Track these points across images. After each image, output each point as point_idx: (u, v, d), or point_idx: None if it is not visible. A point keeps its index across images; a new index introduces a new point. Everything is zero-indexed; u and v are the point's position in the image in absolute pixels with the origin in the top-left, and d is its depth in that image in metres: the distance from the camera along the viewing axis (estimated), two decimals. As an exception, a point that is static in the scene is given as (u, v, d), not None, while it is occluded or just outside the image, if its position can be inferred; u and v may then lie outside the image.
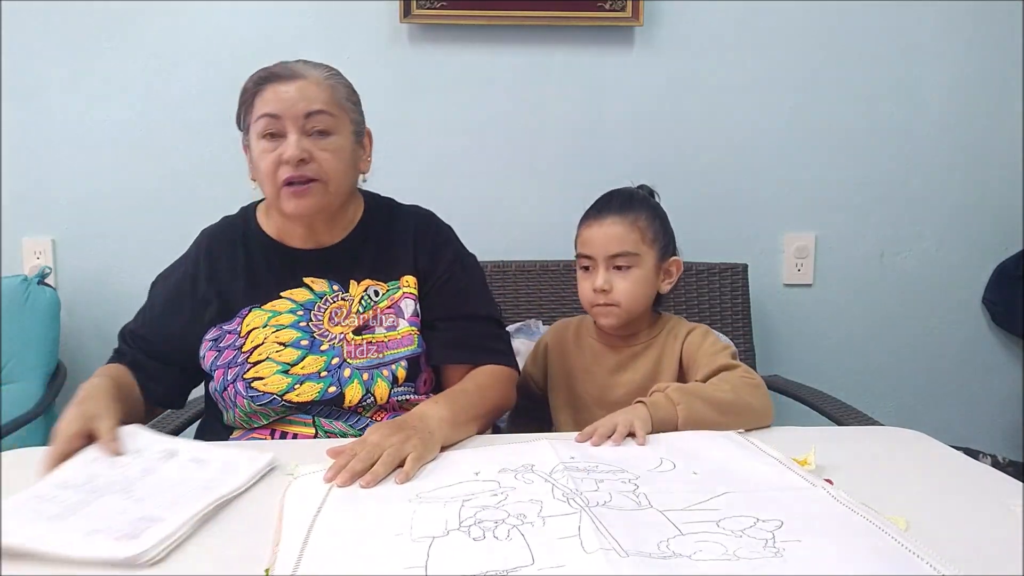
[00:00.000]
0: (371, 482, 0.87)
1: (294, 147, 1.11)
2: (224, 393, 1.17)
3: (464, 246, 1.31)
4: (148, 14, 1.89)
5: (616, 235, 1.24)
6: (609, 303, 1.24)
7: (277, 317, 1.19)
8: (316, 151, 1.13)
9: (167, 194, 1.94)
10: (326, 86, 1.16)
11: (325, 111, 1.14)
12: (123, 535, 0.74)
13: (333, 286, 1.21)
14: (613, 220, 1.25)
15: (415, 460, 0.92)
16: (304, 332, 1.18)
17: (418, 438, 0.95)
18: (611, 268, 1.25)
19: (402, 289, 1.22)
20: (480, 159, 1.98)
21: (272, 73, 1.14)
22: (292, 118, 1.12)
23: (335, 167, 1.15)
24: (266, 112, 1.13)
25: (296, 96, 1.13)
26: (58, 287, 1.92)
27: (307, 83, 1.14)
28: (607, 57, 1.95)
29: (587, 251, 1.26)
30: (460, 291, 1.25)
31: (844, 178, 2.02)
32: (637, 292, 1.25)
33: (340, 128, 1.17)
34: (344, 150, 1.17)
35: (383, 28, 1.91)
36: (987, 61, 2.00)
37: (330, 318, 1.19)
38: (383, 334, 1.19)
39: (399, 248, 1.24)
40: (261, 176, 1.16)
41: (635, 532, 0.72)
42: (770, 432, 1.08)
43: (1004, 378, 2.12)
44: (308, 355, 1.17)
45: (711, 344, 1.26)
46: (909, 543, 0.69)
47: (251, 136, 1.17)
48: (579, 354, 1.35)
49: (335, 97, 1.16)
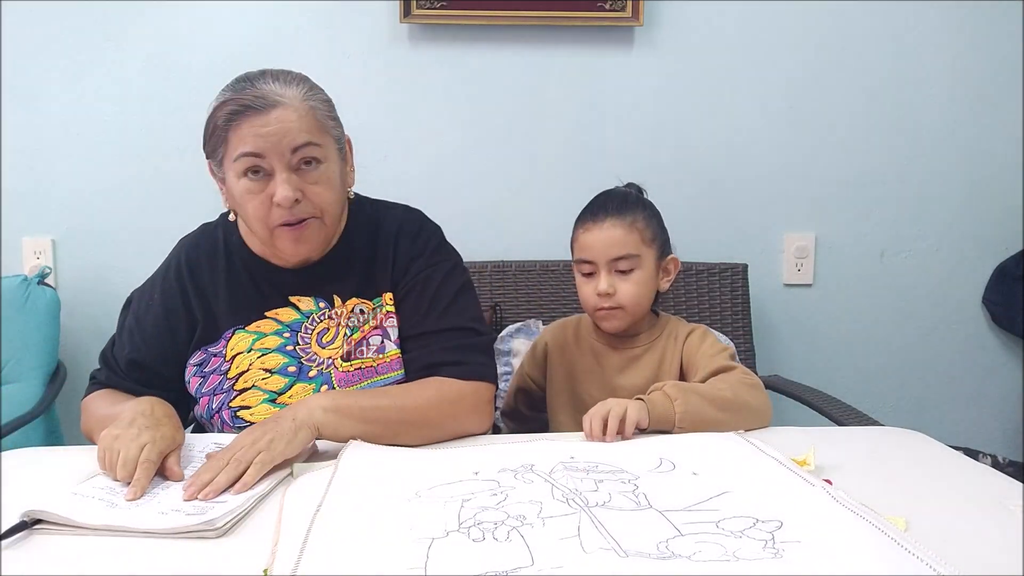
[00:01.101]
0: (209, 494, 0.85)
1: (285, 188, 1.03)
2: (211, 420, 1.14)
3: (447, 248, 1.22)
4: (148, 14, 1.89)
5: (616, 238, 1.23)
6: (613, 307, 1.24)
7: (262, 340, 1.14)
8: (307, 187, 1.06)
9: (167, 194, 1.94)
10: (305, 109, 1.06)
11: (311, 142, 1.06)
12: (193, 513, 0.81)
13: (319, 303, 1.15)
14: (612, 223, 1.24)
15: (259, 464, 0.89)
16: (291, 357, 1.13)
17: (272, 435, 0.92)
18: (613, 271, 1.24)
19: (385, 307, 1.16)
20: (480, 159, 1.98)
21: (244, 105, 1.03)
22: (277, 155, 1.04)
23: (328, 199, 1.09)
24: (247, 152, 1.04)
25: (278, 131, 1.03)
26: (58, 287, 1.92)
27: (285, 112, 1.04)
28: (607, 57, 1.95)
29: (587, 256, 1.25)
30: (425, 304, 1.15)
31: (844, 178, 2.02)
32: (640, 293, 1.25)
33: (327, 154, 1.09)
34: (333, 176, 1.10)
35: (383, 28, 1.90)
36: (987, 61, 2.00)
37: (317, 339, 1.14)
38: (372, 359, 1.14)
39: (380, 262, 1.17)
40: (247, 216, 1.09)
41: (635, 532, 0.72)
42: (770, 432, 1.08)
43: (1004, 378, 2.12)
44: (296, 383, 1.13)
45: (710, 345, 1.26)
46: (909, 543, 0.69)
47: (227, 171, 1.08)
48: (581, 355, 1.34)
49: (317, 120, 1.07)
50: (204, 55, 1.90)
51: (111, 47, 1.90)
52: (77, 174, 1.93)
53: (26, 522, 0.79)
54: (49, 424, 1.82)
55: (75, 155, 1.92)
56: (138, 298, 1.22)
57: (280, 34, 1.89)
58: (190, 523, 0.79)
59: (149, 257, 1.95)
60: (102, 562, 0.73)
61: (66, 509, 0.81)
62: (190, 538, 0.78)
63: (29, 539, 0.78)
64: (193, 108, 1.91)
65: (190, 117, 1.92)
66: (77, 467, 0.96)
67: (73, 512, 0.80)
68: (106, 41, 1.89)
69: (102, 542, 0.77)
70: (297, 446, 0.95)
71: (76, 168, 1.93)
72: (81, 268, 1.96)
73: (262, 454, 0.90)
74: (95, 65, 1.90)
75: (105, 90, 1.91)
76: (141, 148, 1.93)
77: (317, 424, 0.99)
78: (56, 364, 1.86)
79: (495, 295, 1.84)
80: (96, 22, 1.88)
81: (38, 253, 1.94)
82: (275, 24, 1.89)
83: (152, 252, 1.94)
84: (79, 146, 1.92)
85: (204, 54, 1.90)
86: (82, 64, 1.90)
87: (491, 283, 1.83)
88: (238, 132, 1.04)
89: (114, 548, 0.76)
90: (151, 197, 1.94)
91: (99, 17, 1.88)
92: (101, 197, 1.94)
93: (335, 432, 0.99)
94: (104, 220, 1.95)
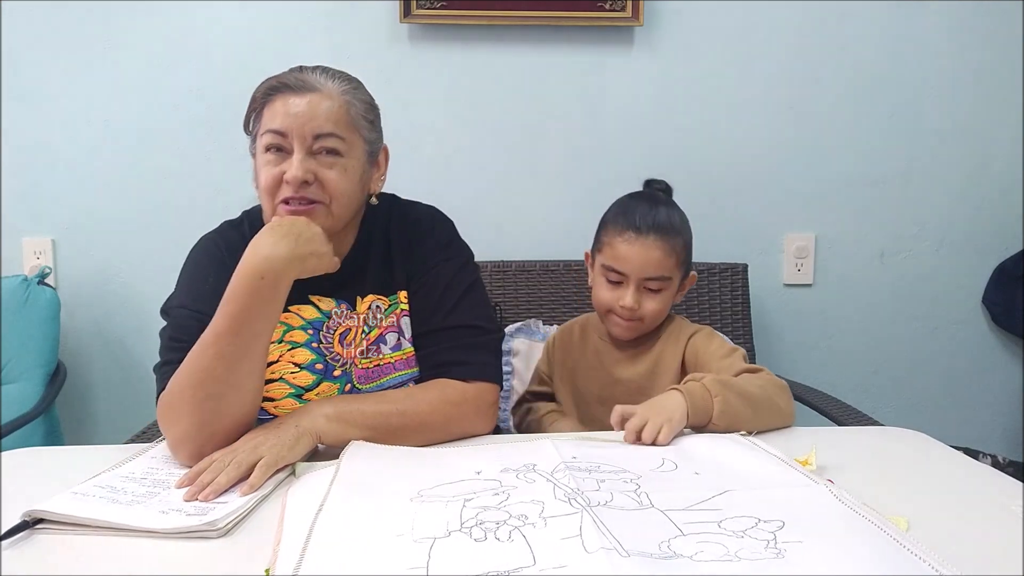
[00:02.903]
0: (210, 495, 0.85)
1: (297, 168, 1.04)
2: None
3: (458, 244, 1.23)
4: (148, 14, 1.89)
5: (655, 260, 1.23)
6: (633, 319, 1.25)
7: (291, 332, 1.12)
8: (321, 171, 1.06)
9: (167, 194, 1.94)
10: (340, 102, 1.07)
11: (335, 134, 1.06)
12: (194, 513, 0.81)
13: (340, 304, 1.14)
14: (656, 243, 1.23)
15: (263, 467, 0.89)
16: (318, 354, 1.13)
17: (274, 440, 0.93)
18: (642, 288, 1.24)
19: (400, 305, 1.17)
20: (480, 159, 1.98)
21: (283, 83, 1.06)
22: (299, 137, 1.05)
23: (340, 188, 1.07)
24: (272, 128, 1.06)
25: (306, 113, 1.05)
26: (58, 287, 1.92)
27: (320, 98, 1.06)
28: (607, 57, 1.95)
29: (620, 267, 1.24)
30: (434, 301, 1.16)
31: (844, 178, 2.03)
32: (662, 311, 1.27)
33: (351, 151, 1.09)
34: (353, 171, 1.09)
35: (383, 28, 1.91)
36: (987, 61, 2.00)
37: (340, 339, 1.14)
38: (389, 355, 1.15)
39: (396, 260, 1.18)
40: (259, 189, 1.09)
41: (636, 532, 0.72)
42: (771, 432, 1.08)
43: (1004, 378, 2.12)
44: (323, 381, 1.12)
45: (719, 346, 1.26)
46: (910, 543, 0.69)
47: (256, 147, 1.10)
48: (583, 351, 1.35)
49: (349, 115, 1.08)
50: (204, 55, 1.90)
51: (111, 47, 1.90)
52: (77, 174, 1.93)
53: (27, 522, 0.79)
54: (49, 424, 1.82)
55: (75, 155, 1.92)
56: (185, 292, 1.14)
57: (280, 34, 1.89)
58: (191, 523, 0.78)
59: (149, 257, 1.97)
60: (102, 562, 0.73)
61: (67, 507, 0.81)
62: (191, 538, 0.77)
63: (29, 539, 0.78)
64: (193, 108, 1.93)
65: (190, 117, 1.93)
66: (77, 467, 0.95)
67: (74, 510, 0.80)
68: (106, 41, 1.89)
69: (102, 542, 0.77)
70: (298, 454, 0.95)
71: (76, 168, 1.93)
72: (81, 268, 1.96)
73: (265, 458, 0.90)
74: (95, 65, 1.90)
75: (105, 90, 1.91)
76: (141, 148, 1.93)
77: (320, 432, 0.99)
78: (56, 364, 1.86)
79: (495, 295, 1.84)
80: (96, 22, 1.88)
81: (38, 253, 1.94)
82: (275, 24, 1.89)
83: (152, 252, 1.96)
84: (79, 146, 1.92)
85: (204, 54, 1.90)
86: (82, 64, 1.90)
87: (491, 283, 1.82)
88: (271, 108, 1.06)
89: (114, 548, 0.76)
90: (151, 197, 1.94)
91: (99, 17, 1.88)
92: (101, 197, 1.94)
93: (338, 440, 1.00)
94: (104, 220, 1.95)
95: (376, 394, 1.11)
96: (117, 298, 1.97)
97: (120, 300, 1.98)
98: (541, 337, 1.74)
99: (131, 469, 0.96)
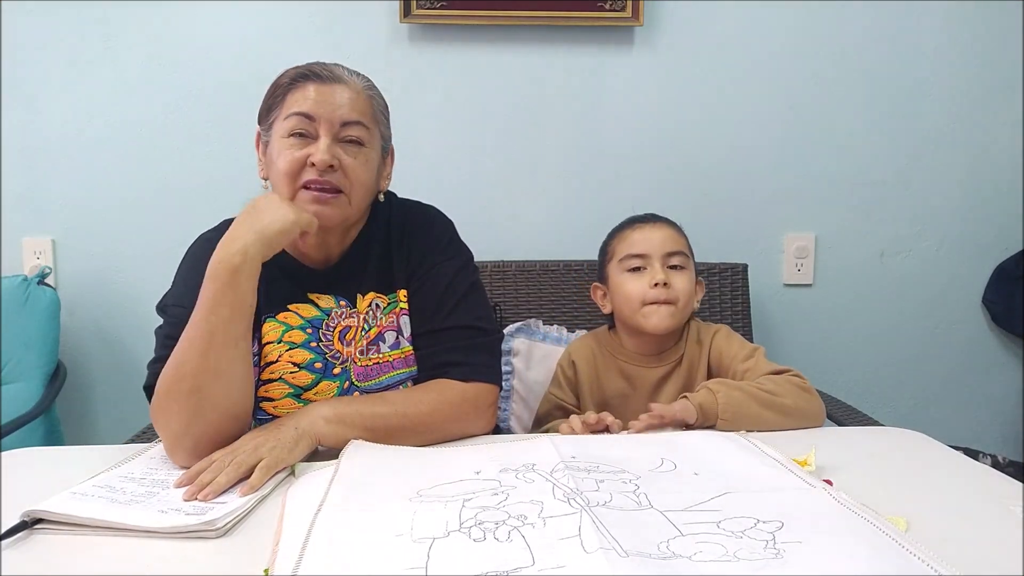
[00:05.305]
0: (209, 495, 0.86)
1: (324, 152, 1.05)
2: None
3: (458, 244, 1.23)
4: (148, 14, 1.88)
5: (670, 236, 1.30)
6: (668, 300, 1.25)
7: (290, 332, 1.13)
8: (346, 159, 1.08)
9: (167, 194, 1.94)
10: (365, 96, 1.12)
11: (362, 123, 1.10)
12: (193, 513, 0.82)
13: (340, 302, 1.15)
14: (664, 225, 1.31)
15: (263, 469, 0.90)
16: (316, 353, 1.13)
17: (274, 442, 0.94)
18: (666, 267, 1.27)
19: (399, 304, 1.17)
20: (480, 159, 1.97)
21: (311, 71, 1.09)
22: (327, 122, 1.07)
23: (361, 178, 1.10)
24: (299, 111, 1.07)
25: (335, 100, 1.08)
26: (58, 287, 1.92)
27: (347, 89, 1.09)
28: (607, 57, 1.95)
29: (640, 251, 1.28)
30: (434, 301, 1.16)
31: (844, 178, 2.02)
32: (690, 292, 1.29)
33: (372, 142, 1.12)
34: (372, 163, 1.12)
35: (383, 28, 1.90)
36: (987, 61, 2.00)
37: (340, 337, 1.14)
38: (388, 353, 1.15)
39: (396, 259, 1.18)
40: (276, 174, 1.08)
41: (635, 532, 0.72)
42: (771, 433, 1.08)
43: (1004, 378, 2.12)
44: (322, 380, 1.13)
45: (739, 347, 1.28)
46: (909, 544, 0.69)
47: (273, 133, 1.10)
48: (610, 379, 1.35)
49: (372, 108, 1.12)
50: (204, 55, 1.90)
51: (111, 47, 1.90)
52: (77, 174, 1.93)
53: (26, 522, 0.79)
54: (49, 424, 1.82)
55: (75, 155, 1.92)
56: (180, 290, 1.13)
57: (280, 34, 1.89)
58: (190, 523, 0.79)
59: (149, 257, 1.97)
60: (102, 562, 0.73)
61: (66, 507, 0.81)
62: (190, 538, 0.77)
63: (29, 539, 0.78)
64: (193, 109, 1.93)
65: (190, 117, 1.93)
66: (77, 467, 0.95)
67: (73, 510, 0.81)
68: (106, 41, 1.89)
69: (102, 542, 0.77)
70: (297, 455, 0.96)
71: (76, 168, 1.93)
72: (81, 268, 1.96)
73: (265, 460, 0.91)
74: (95, 65, 1.90)
75: (105, 91, 1.91)
76: (141, 148, 1.93)
77: (319, 434, 0.99)
78: (56, 364, 1.86)
79: (495, 295, 1.84)
80: (96, 22, 1.88)
81: (38, 253, 1.94)
82: (275, 24, 1.89)
83: (152, 252, 1.96)
84: (79, 146, 1.92)
85: (204, 54, 1.90)
86: (82, 64, 1.90)
87: (491, 283, 1.82)
88: (297, 93, 1.08)
89: (114, 548, 0.76)
90: (151, 197, 1.94)
91: (99, 17, 1.88)
92: (101, 197, 1.94)
93: (337, 441, 1.00)
94: (104, 220, 1.95)
95: (375, 395, 1.11)
96: (117, 298, 1.97)
97: (120, 300, 1.97)
98: (541, 337, 1.74)
99: (130, 469, 0.96)
